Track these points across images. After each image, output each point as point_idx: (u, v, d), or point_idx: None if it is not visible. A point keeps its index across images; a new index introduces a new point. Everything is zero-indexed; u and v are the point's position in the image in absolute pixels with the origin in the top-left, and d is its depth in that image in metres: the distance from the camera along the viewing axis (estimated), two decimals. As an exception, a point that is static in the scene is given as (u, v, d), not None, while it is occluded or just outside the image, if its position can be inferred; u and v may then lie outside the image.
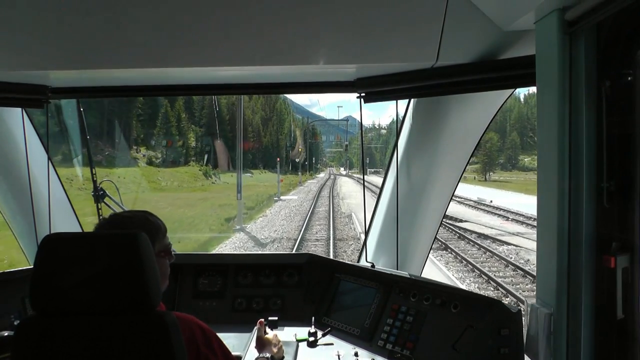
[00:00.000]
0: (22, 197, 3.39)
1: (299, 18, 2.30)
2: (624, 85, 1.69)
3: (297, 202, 36.64)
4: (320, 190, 49.76)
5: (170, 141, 60.26)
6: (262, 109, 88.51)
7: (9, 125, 3.25)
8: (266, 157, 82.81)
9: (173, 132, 62.50)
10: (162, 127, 61.43)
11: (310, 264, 3.32)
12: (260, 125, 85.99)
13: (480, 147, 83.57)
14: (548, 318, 1.85)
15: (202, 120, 68.98)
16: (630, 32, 1.66)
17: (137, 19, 2.33)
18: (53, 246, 1.59)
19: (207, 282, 3.32)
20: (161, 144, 58.89)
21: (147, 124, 60.38)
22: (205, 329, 1.93)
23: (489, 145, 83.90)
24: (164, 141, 58.69)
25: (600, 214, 1.77)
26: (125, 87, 3.00)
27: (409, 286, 2.79)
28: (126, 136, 55.63)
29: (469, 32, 2.29)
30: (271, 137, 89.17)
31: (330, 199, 37.94)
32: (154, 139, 58.60)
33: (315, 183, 68.66)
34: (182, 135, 62.98)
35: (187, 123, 66.37)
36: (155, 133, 59.70)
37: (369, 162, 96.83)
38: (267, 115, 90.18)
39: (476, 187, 52.70)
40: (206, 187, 50.69)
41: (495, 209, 29.59)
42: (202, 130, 68.51)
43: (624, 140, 1.72)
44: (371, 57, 2.46)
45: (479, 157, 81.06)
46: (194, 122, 69.20)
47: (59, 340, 1.54)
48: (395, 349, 2.59)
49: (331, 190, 49.64)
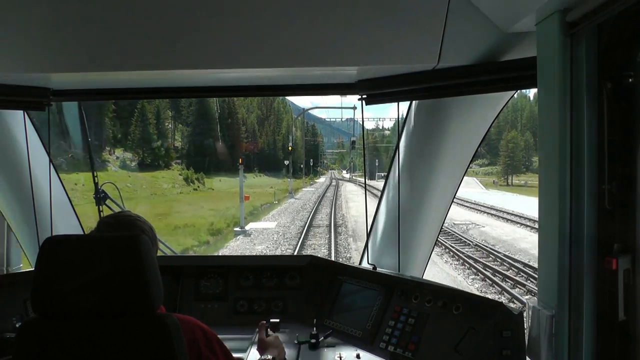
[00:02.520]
0: (24, 200, 3.39)
1: (300, 21, 2.31)
2: (625, 86, 1.69)
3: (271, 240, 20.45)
4: (316, 207, 32.32)
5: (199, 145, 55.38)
6: (258, 108, 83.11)
7: (11, 128, 3.26)
8: (262, 159, 77.93)
9: (151, 131, 54.98)
10: (138, 126, 53.85)
11: (312, 266, 3.32)
12: (255, 125, 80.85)
13: (501, 148, 78.08)
14: (550, 320, 1.84)
15: (188, 119, 64.33)
16: (631, 34, 1.67)
17: (138, 21, 2.34)
18: (54, 248, 1.59)
19: (209, 284, 3.32)
20: (136, 145, 51.54)
21: (123, 122, 52.61)
22: (207, 331, 1.93)
23: (512, 146, 79.04)
24: (143, 141, 51.56)
25: (601, 215, 1.77)
26: (127, 90, 3.01)
27: (410, 288, 2.79)
28: (97, 136, 47.63)
29: (470, 34, 2.29)
30: (267, 138, 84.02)
31: (331, 231, 21.25)
32: (130, 138, 51.59)
33: (310, 193, 50.20)
34: (162, 135, 57.48)
35: (170, 121, 60.39)
36: (131, 132, 52.52)
37: (377, 165, 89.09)
38: (264, 114, 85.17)
39: (504, 195, 44.95)
40: (180, 197, 42.34)
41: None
42: (188, 130, 63.28)
43: (625, 142, 1.72)
44: (373, 58, 2.46)
45: (500, 159, 75.44)
46: (181, 120, 63.59)
47: (60, 342, 1.55)
48: (397, 350, 2.58)
49: (333, 207, 31.51)
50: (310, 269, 3.31)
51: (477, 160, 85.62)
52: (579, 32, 1.74)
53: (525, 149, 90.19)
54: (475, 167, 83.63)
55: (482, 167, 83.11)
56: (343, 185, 66.00)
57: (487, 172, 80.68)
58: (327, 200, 39.14)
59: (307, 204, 35.93)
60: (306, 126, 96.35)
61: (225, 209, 33.27)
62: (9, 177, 3.42)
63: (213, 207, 35.03)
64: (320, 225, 24.18)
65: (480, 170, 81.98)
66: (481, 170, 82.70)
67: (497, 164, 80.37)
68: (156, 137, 55.01)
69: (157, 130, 55.73)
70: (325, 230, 22.22)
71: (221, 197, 41.50)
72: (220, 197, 42.33)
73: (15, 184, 3.42)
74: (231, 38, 2.37)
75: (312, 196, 45.48)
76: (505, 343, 2.27)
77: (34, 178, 3.30)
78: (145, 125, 54.43)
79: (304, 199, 42.05)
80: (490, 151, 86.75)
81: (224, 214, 31.94)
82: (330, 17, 2.28)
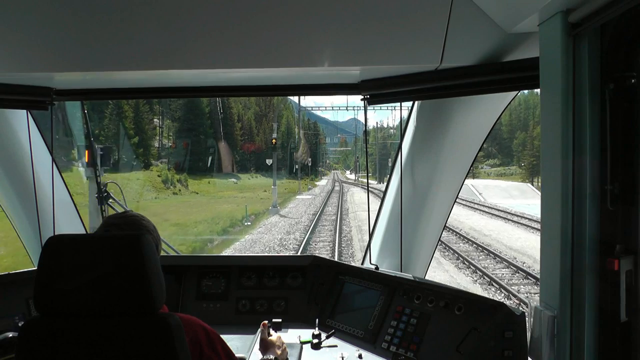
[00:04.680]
0: (27, 199, 3.40)
1: (303, 21, 2.31)
2: (628, 87, 1.69)
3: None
4: (315, 225, 23.20)
5: (186, 142, 49.95)
6: (256, 104, 75.03)
7: (14, 127, 3.27)
8: (259, 158, 68.63)
9: (127, 125, 45.84)
10: (113, 120, 45.23)
11: (314, 266, 3.32)
12: (252, 122, 73.81)
13: (526, 146, 72.58)
14: (552, 321, 1.84)
15: (176, 114, 55.92)
16: (633, 35, 1.67)
17: (141, 20, 2.34)
18: (57, 248, 1.60)
19: (211, 283, 3.33)
20: (111, 141, 41.90)
21: (101, 116, 43.66)
22: (209, 330, 1.93)
23: (538, 143, 72.97)
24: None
25: (603, 216, 1.77)
26: (129, 89, 3.02)
27: (412, 288, 2.79)
28: (66, 133, 35.31)
29: (473, 34, 2.29)
30: (266, 136, 74.45)
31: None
32: (103, 134, 42.26)
33: (305, 204, 35.88)
34: (141, 131, 48.46)
35: (153, 115, 52.36)
36: (105, 127, 43.89)
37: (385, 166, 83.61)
38: (263, 111, 76.90)
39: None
40: (151, 205, 32.73)
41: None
42: (175, 126, 56.54)
43: (628, 143, 1.72)
44: (375, 59, 2.47)
45: (525, 158, 68.64)
46: (169, 116, 56.52)
47: (62, 341, 1.55)
48: (399, 351, 2.59)
49: (338, 225, 22.92)
50: (313, 268, 3.31)
51: (487, 161, 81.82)
52: (581, 33, 1.74)
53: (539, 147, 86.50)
54: (487, 168, 79.40)
55: (494, 168, 79.16)
56: (349, 191, 51.68)
57: (500, 172, 75.99)
58: (328, 221, 25.45)
59: (292, 230, 22.51)
60: (307, 122, 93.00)
61: (193, 223, 26.24)
62: (12, 176, 3.43)
63: (182, 220, 27.29)
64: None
65: (492, 171, 77.53)
66: (493, 171, 78.32)
67: (511, 164, 77.10)
68: (133, 132, 47.07)
69: (134, 125, 47.43)
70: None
71: (201, 205, 34.33)
72: (201, 204, 34.89)
73: (18, 183, 3.43)
74: (234, 38, 2.37)
75: (308, 209, 31.81)
76: (507, 343, 2.27)
77: (36, 177, 3.32)
78: (121, 119, 46.39)
79: (292, 216, 28.27)
80: (502, 151, 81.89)
81: (191, 231, 24.72)
82: (333, 17, 2.28)
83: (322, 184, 71.68)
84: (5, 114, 3.21)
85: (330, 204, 36.15)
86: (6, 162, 3.37)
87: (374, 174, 72.82)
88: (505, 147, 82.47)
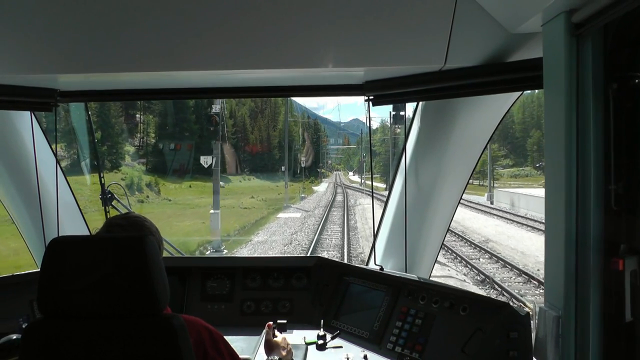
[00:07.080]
0: (31, 200, 3.41)
1: (307, 22, 2.32)
2: (631, 87, 1.69)
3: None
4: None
5: (179, 145, 44.77)
6: (251, 100, 66.05)
7: (18, 129, 3.28)
8: (255, 158, 66.21)
9: (93, 119, 22.73)
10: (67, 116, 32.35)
11: (319, 267, 3.32)
12: (246, 119, 68.03)
13: (541, 145, 66.65)
14: (556, 321, 1.84)
15: (157, 107, 49.16)
16: (637, 35, 1.66)
17: (145, 23, 2.35)
18: (60, 249, 1.60)
19: (216, 285, 3.33)
20: (71, 139, 32.76)
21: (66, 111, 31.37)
22: (213, 332, 1.93)
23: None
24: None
25: (608, 216, 1.77)
26: (133, 91, 3.02)
27: (417, 289, 2.79)
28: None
29: (476, 34, 2.29)
30: (261, 133, 70.23)
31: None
32: (62, 130, 30.82)
33: (297, 224, 25.41)
34: (108, 126, 41.65)
35: (118, 105, 42.58)
36: (63, 121, 31.51)
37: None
38: (259, 107, 70.69)
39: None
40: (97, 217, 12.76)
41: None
42: (156, 122, 50.42)
43: (632, 143, 1.72)
44: (379, 60, 2.47)
45: (541, 158, 61.76)
46: (150, 110, 49.87)
47: (66, 343, 1.55)
48: (404, 351, 2.58)
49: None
50: (317, 269, 3.31)
51: (499, 161, 75.53)
52: (585, 33, 1.74)
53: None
54: (500, 169, 73.19)
55: (507, 169, 75.37)
56: (357, 203, 37.61)
57: (513, 174, 71.19)
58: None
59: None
60: (308, 121, 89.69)
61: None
62: (16, 178, 3.44)
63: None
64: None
65: (505, 172, 73.01)
66: (506, 172, 73.72)
67: (525, 165, 73.37)
68: (95, 126, 37.11)
69: (96, 117, 38.86)
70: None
71: (158, 220, 18.48)
72: (159, 218, 25.08)
73: (22, 184, 3.44)
74: (238, 40, 2.38)
75: (295, 238, 20.83)
76: (512, 344, 2.26)
77: (40, 179, 3.32)
78: (82, 113, 32.60)
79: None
80: (514, 151, 78.37)
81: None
82: (337, 18, 2.28)
83: (321, 190, 61.57)
84: (10, 115, 3.22)
85: (330, 228, 23.52)
86: (10, 163, 3.39)
87: (382, 177, 59.90)
88: (518, 146, 79.48)
